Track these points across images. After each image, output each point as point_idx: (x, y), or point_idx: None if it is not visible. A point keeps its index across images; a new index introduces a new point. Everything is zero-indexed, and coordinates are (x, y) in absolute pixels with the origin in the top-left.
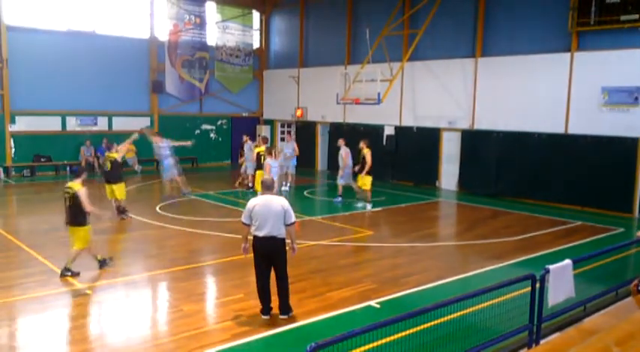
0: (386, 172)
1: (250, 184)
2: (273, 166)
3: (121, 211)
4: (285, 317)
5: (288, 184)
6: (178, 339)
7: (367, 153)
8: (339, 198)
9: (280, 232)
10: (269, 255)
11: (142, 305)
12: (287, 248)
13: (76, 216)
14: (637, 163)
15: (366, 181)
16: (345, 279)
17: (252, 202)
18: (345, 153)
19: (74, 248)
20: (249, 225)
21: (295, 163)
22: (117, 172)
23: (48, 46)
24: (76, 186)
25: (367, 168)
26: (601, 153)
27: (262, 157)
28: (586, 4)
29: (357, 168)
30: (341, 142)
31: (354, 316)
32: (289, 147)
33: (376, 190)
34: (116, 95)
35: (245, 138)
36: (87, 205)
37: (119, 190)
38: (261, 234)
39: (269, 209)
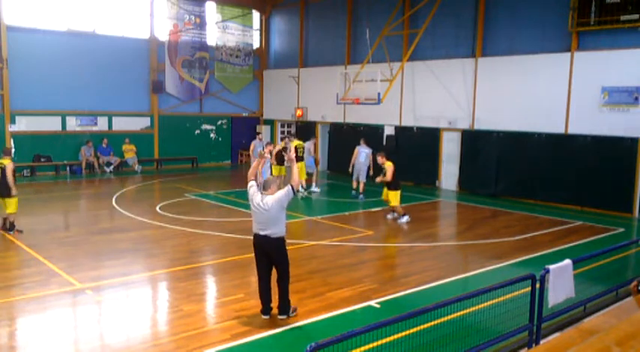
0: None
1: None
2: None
3: (8, 227)
4: (283, 317)
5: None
6: (178, 339)
7: (389, 167)
8: (361, 196)
9: (275, 232)
10: (267, 252)
11: (142, 305)
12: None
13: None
14: (637, 163)
15: (392, 198)
16: (345, 279)
17: (252, 192)
18: (357, 151)
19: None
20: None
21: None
22: (4, 182)
23: (48, 46)
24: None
25: (382, 178)
26: (601, 153)
27: (299, 150)
28: (586, 4)
29: (378, 179)
30: (362, 142)
31: (354, 316)
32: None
33: (376, 190)
34: (116, 95)
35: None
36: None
37: (10, 204)
38: (257, 231)
39: (262, 211)
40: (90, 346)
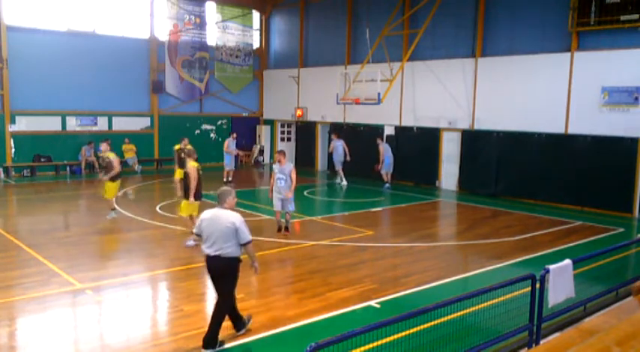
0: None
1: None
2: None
3: None
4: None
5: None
6: (178, 339)
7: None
8: (387, 185)
9: (227, 251)
10: (215, 274)
11: (142, 305)
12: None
13: None
14: (637, 163)
15: None
16: (345, 279)
17: (203, 215)
18: (382, 149)
19: None
20: (199, 236)
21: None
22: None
23: (48, 46)
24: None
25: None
26: (601, 153)
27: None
28: (586, 4)
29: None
30: (380, 141)
31: (354, 316)
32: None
33: (376, 190)
34: (116, 95)
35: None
36: None
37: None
38: (207, 251)
39: (215, 225)
40: (90, 346)
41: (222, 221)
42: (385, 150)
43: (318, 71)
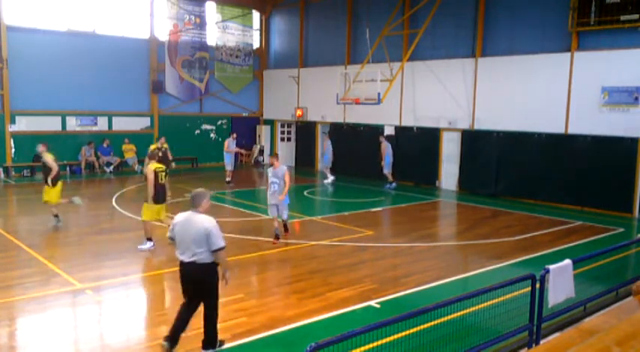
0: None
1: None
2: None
3: None
4: None
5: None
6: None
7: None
8: (393, 184)
9: (202, 257)
10: (191, 282)
11: (142, 305)
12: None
13: None
14: (637, 163)
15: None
16: (345, 279)
17: (176, 218)
18: (384, 147)
19: None
20: (174, 240)
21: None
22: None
23: (48, 46)
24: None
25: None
26: (601, 153)
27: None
28: (586, 4)
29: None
30: (382, 138)
31: (354, 316)
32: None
33: (376, 190)
34: (116, 95)
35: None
36: None
37: None
38: (181, 257)
39: (187, 230)
40: (90, 346)
41: (194, 225)
42: (387, 148)
43: (318, 71)
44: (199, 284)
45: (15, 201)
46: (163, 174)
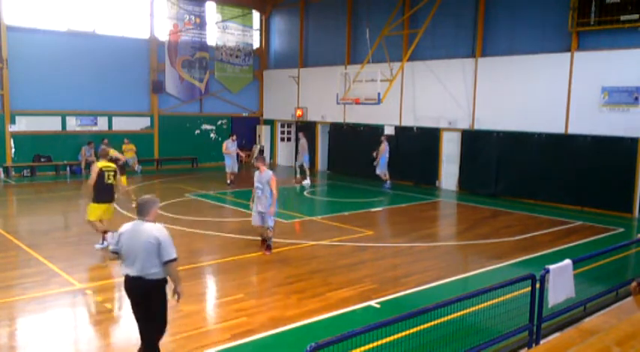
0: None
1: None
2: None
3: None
4: None
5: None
6: (178, 339)
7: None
8: (388, 183)
9: (151, 272)
10: (137, 300)
11: None
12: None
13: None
14: (637, 163)
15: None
16: (345, 279)
17: (121, 229)
18: (383, 147)
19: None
20: (117, 253)
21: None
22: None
23: (48, 46)
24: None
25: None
26: (601, 153)
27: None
28: (586, 4)
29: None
30: (383, 138)
31: (354, 316)
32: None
33: (376, 190)
34: (116, 95)
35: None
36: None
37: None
38: (127, 271)
39: (135, 240)
40: (90, 346)
41: (143, 236)
42: (385, 150)
43: (318, 71)
44: (147, 302)
45: (15, 201)
46: (112, 173)
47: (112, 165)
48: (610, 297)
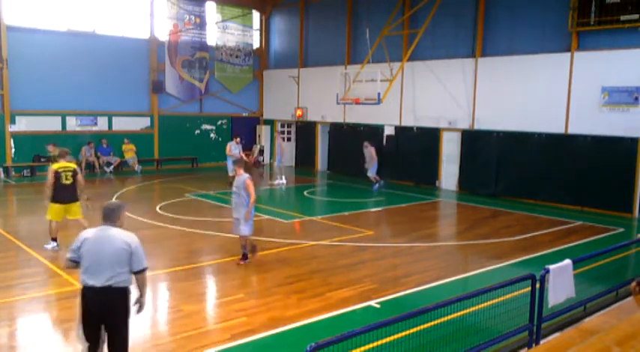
0: (386, 172)
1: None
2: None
3: None
4: None
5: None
6: (178, 339)
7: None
8: (377, 185)
9: (119, 281)
10: (102, 313)
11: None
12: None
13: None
14: (637, 163)
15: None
16: (345, 279)
17: (84, 235)
18: (373, 151)
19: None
20: (76, 263)
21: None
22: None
23: (48, 46)
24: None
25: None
26: (601, 153)
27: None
28: (586, 4)
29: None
30: (367, 143)
31: (354, 316)
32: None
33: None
34: (116, 95)
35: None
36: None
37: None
38: (91, 281)
39: (102, 248)
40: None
41: (113, 242)
42: (373, 154)
43: (318, 71)
44: (113, 314)
45: (15, 201)
46: (69, 173)
47: (71, 165)
48: (610, 297)
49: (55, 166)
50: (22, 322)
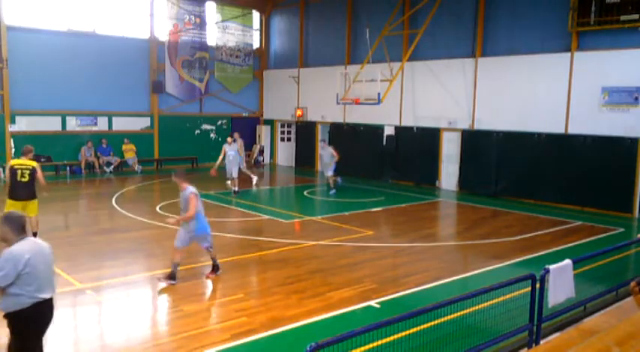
0: (386, 172)
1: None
2: None
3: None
4: None
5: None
6: (178, 339)
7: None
8: (333, 191)
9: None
10: (49, 323)
11: (142, 305)
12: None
13: None
14: (637, 163)
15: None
16: (345, 279)
17: (22, 248)
18: (332, 149)
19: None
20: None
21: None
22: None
23: (48, 46)
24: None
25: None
26: (601, 153)
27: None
28: (586, 4)
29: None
30: (324, 144)
31: (354, 316)
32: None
33: (376, 190)
34: (116, 95)
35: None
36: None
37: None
38: (42, 295)
39: (44, 259)
40: (90, 346)
41: (47, 252)
42: (334, 152)
43: (318, 71)
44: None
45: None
46: (27, 171)
47: (29, 162)
48: (610, 297)
49: (11, 162)
50: None
